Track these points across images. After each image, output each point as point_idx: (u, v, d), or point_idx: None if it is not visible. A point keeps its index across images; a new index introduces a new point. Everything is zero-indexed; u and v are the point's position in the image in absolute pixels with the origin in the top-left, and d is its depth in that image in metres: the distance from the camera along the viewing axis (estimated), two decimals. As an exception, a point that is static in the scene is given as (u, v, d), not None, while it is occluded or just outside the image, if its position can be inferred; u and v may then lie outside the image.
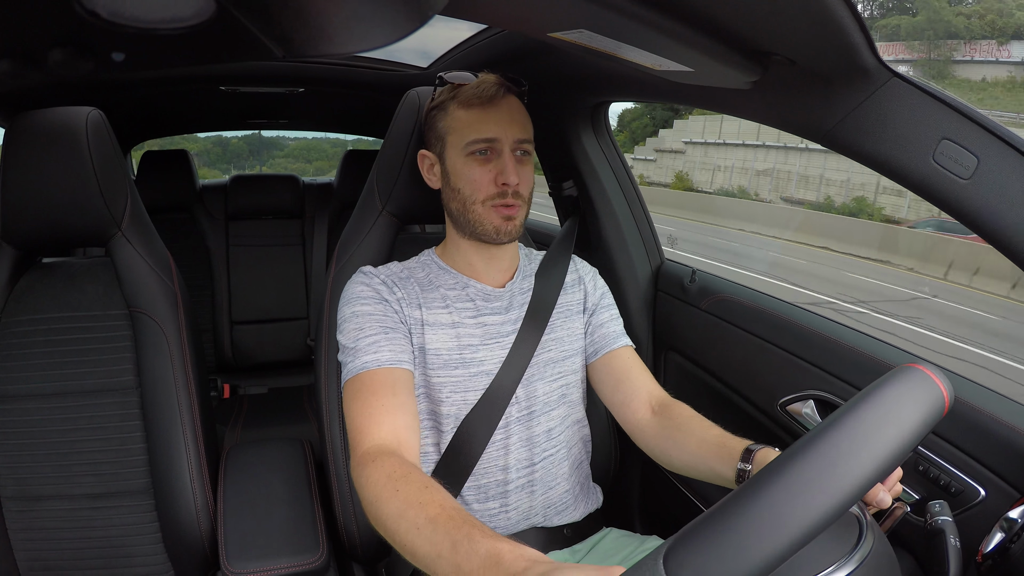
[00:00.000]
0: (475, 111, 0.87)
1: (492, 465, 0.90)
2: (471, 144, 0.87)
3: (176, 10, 0.31)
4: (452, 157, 0.89)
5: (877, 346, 0.94)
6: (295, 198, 2.35)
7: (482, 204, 0.88)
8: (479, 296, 0.94)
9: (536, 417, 0.93)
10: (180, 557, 1.05)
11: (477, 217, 0.89)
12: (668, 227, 12.14)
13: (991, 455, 0.75)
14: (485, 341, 0.92)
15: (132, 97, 1.71)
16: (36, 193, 0.98)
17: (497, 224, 0.89)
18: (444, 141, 0.90)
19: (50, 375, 1.02)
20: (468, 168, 0.88)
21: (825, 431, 0.42)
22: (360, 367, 0.82)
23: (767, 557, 0.38)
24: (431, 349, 0.89)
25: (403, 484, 0.67)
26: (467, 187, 0.88)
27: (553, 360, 0.96)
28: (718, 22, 0.59)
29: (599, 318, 1.02)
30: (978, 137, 0.65)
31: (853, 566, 0.47)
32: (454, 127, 0.89)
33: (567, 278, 1.02)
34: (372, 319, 0.86)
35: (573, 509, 0.97)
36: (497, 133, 0.87)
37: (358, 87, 1.75)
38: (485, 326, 0.93)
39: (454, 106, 0.89)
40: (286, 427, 1.86)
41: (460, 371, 0.90)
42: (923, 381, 0.45)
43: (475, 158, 0.88)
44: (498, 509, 0.91)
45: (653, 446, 0.91)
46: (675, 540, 0.40)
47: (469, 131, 0.87)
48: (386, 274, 0.91)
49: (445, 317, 0.91)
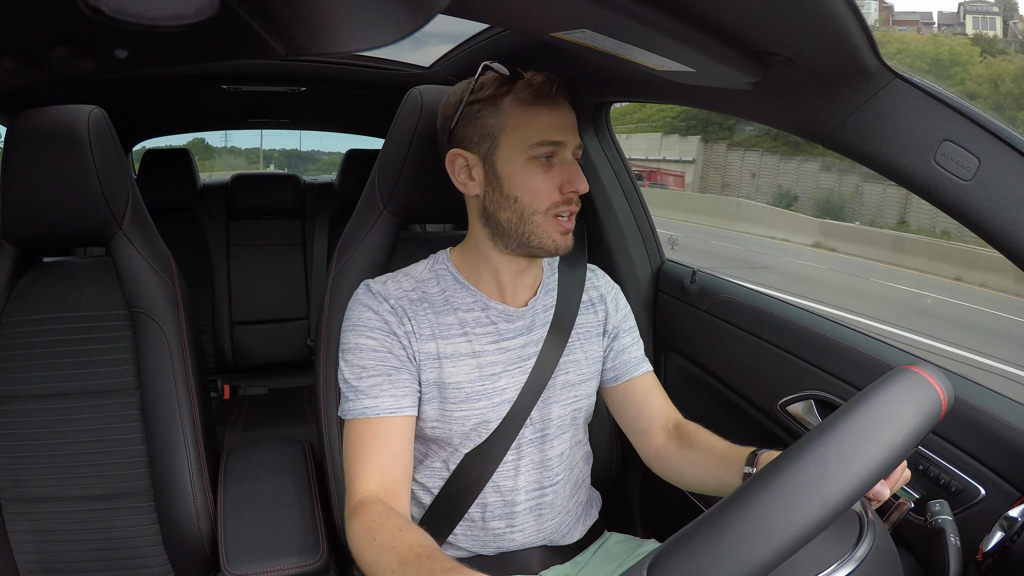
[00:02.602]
0: (540, 109, 0.79)
1: (501, 485, 0.87)
2: (536, 146, 0.79)
3: (179, 8, 0.31)
4: (507, 159, 0.80)
5: (877, 346, 0.94)
6: (296, 198, 2.35)
7: (544, 214, 0.80)
8: (501, 318, 0.87)
9: (549, 440, 0.89)
10: (180, 558, 1.05)
11: (536, 228, 0.81)
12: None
13: (991, 454, 0.75)
14: (507, 368, 0.86)
15: (134, 96, 1.71)
16: (37, 192, 0.98)
17: (556, 238, 0.81)
18: (495, 140, 0.80)
19: (50, 375, 1.02)
20: (529, 174, 0.79)
21: (815, 439, 0.42)
22: (359, 411, 0.80)
23: (757, 564, 0.37)
24: (451, 383, 0.83)
25: (380, 532, 0.70)
26: (528, 195, 0.80)
27: (570, 383, 0.91)
28: (720, 22, 0.59)
29: (621, 342, 0.96)
30: (979, 138, 0.65)
31: (856, 563, 0.46)
32: (512, 125, 0.79)
33: (589, 295, 0.96)
34: (376, 356, 0.81)
35: (575, 528, 0.96)
36: (563, 136, 0.80)
37: (360, 86, 1.75)
38: (507, 351, 0.87)
39: (510, 101, 0.80)
40: (286, 428, 1.86)
41: (483, 403, 0.84)
42: (919, 384, 0.45)
43: (538, 163, 0.80)
44: (503, 528, 0.88)
45: (669, 470, 0.91)
46: (663, 548, 0.40)
47: (533, 131, 0.79)
48: (396, 297, 0.84)
49: (464, 346, 0.84)
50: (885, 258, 9.52)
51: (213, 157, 16.59)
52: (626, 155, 1.38)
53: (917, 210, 13.29)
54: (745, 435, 1.12)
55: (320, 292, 1.23)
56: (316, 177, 2.57)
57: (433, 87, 0.97)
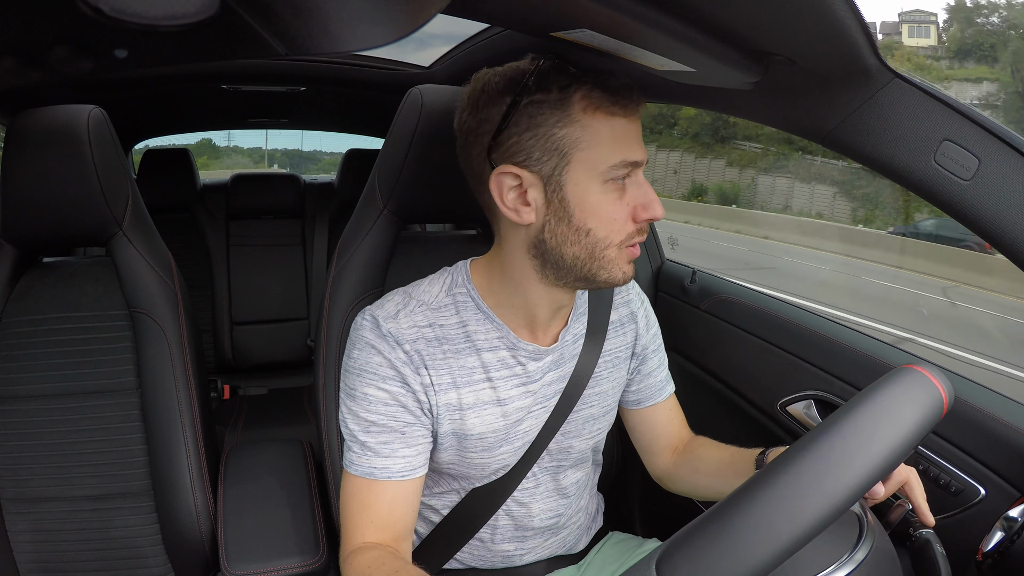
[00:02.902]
0: (619, 122, 0.65)
1: (514, 511, 0.84)
2: (617, 168, 0.65)
3: (178, 7, 0.31)
4: (580, 183, 0.65)
5: (877, 346, 0.94)
6: (296, 198, 2.35)
7: (618, 248, 0.67)
8: (529, 359, 0.76)
9: (565, 471, 0.85)
10: (180, 559, 1.05)
11: (607, 263, 0.68)
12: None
13: (991, 454, 0.75)
14: (532, 410, 0.78)
15: (133, 95, 1.71)
16: (37, 192, 0.98)
17: (626, 270, 0.69)
18: (567, 158, 0.64)
19: (50, 375, 1.02)
20: (607, 200, 0.65)
21: (821, 434, 0.42)
22: (367, 471, 0.71)
23: (761, 561, 0.37)
24: (473, 435, 0.75)
25: (376, 574, 0.66)
26: (603, 227, 0.66)
27: (594, 416, 0.83)
28: (720, 22, 0.59)
29: (649, 365, 0.89)
30: (979, 138, 0.65)
31: (854, 564, 0.46)
32: (588, 140, 0.64)
33: (619, 312, 0.86)
34: (388, 411, 0.71)
35: (583, 538, 0.95)
36: (644, 155, 0.67)
37: (360, 86, 1.75)
38: (533, 394, 0.77)
39: (582, 107, 0.64)
40: (286, 428, 1.86)
41: (505, 448, 0.78)
42: (921, 383, 0.45)
43: (614, 186, 0.66)
44: (513, 550, 0.86)
45: (681, 485, 0.91)
46: (668, 545, 0.40)
47: (615, 148, 0.64)
48: (411, 340, 0.72)
49: (487, 393, 0.75)
50: (760, 233, 12.84)
51: (221, 157, 16.79)
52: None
53: (798, 197, 16.96)
54: (745, 435, 1.12)
55: (320, 292, 1.23)
56: (316, 177, 2.57)
57: (433, 87, 0.97)
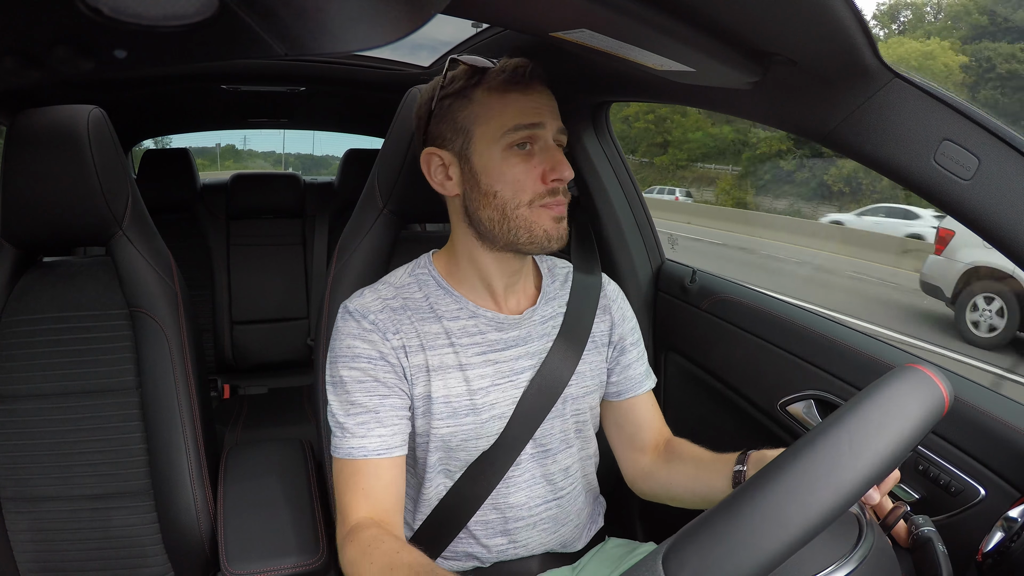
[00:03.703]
0: (513, 94, 0.74)
1: (502, 502, 0.84)
2: (512, 132, 0.73)
3: (178, 7, 0.31)
4: (483, 152, 0.75)
5: (877, 346, 0.94)
6: (296, 197, 2.35)
7: (528, 206, 0.75)
8: (491, 327, 0.81)
9: (552, 455, 0.86)
10: (180, 558, 1.05)
11: (523, 222, 0.75)
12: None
13: (991, 455, 0.75)
14: (496, 381, 0.81)
15: (133, 96, 1.71)
16: (37, 192, 0.98)
17: (548, 228, 0.75)
18: (469, 134, 0.75)
19: (50, 375, 1.02)
20: (508, 165, 0.74)
21: (825, 431, 0.42)
22: (347, 452, 0.76)
23: (767, 557, 0.37)
24: (438, 397, 0.79)
25: (375, 554, 0.68)
26: (508, 188, 0.74)
27: (573, 396, 0.86)
28: (719, 22, 0.59)
29: (627, 357, 0.91)
30: (979, 138, 0.65)
31: (854, 565, 0.47)
32: (484, 115, 0.74)
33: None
34: (362, 388, 0.76)
35: (580, 539, 0.94)
36: (540, 118, 0.74)
37: (359, 86, 1.75)
38: (496, 364, 0.81)
39: (481, 92, 0.74)
40: (286, 427, 1.86)
41: (470, 419, 0.80)
42: (923, 381, 0.45)
43: (515, 152, 0.74)
44: (506, 544, 0.86)
45: (656, 487, 0.90)
46: (675, 540, 0.40)
47: (507, 116, 0.73)
48: (377, 311, 0.79)
49: (451, 358, 0.79)
50: (673, 217, 14.87)
51: (244, 160, 17.15)
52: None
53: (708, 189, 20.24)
54: (745, 435, 1.12)
55: (320, 292, 1.23)
56: (316, 177, 2.57)
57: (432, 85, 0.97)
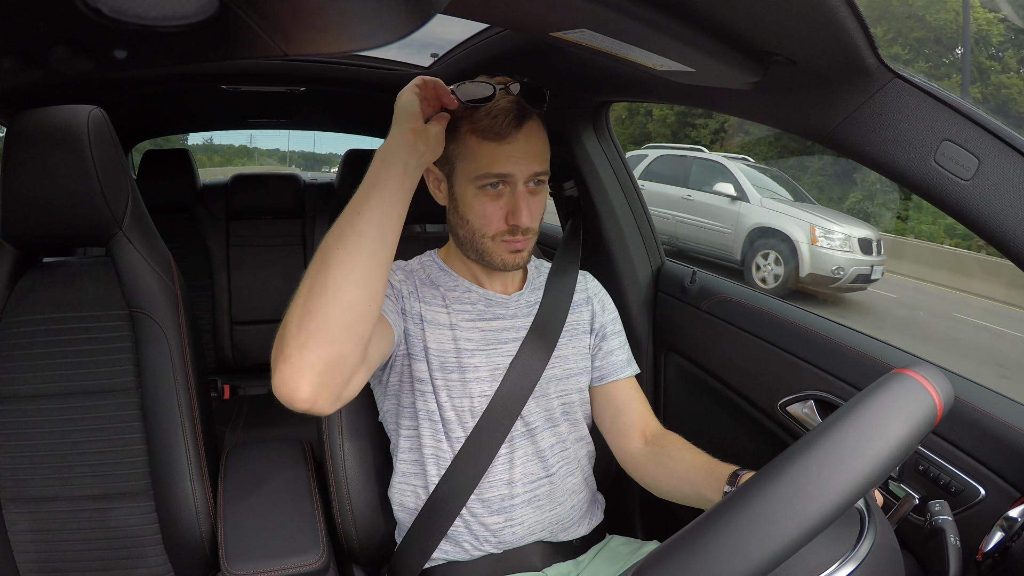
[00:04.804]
0: (489, 145, 0.82)
1: (497, 479, 0.89)
2: (482, 178, 0.83)
3: (179, 8, 0.31)
4: (462, 185, 0.85)
5: (877, 346, 0.94)
6: (296, 198, 2.35)
7: (491, 239, 0.86)
8: (481, 300, 0.93)
9: (539, 432, 0.92)
10: (180, 558, 1.05)
11: (485, 249, 0.87)
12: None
13: (991, 455, 0.75)
14: (482, 346, 0.90)
15: (133, 96, 1.71)
16: (37, 192, 0.98)
17: (505, 258, 0.87)
18: (453, 165, 0.85)
19: (50, 375, 1.02)
20: (478, 201, 0.84)
21: (807, 446, 0.41)
22: None
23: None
24: (432, 348, 0.88)
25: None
26: (477, 219, 0.85)
27: (556, 377, 0.94)
28: (719, 22, 0.59)
29: (608, 344, 1.00)
30: (979, 138, 0.65)
31: (858, 560, 0.46)
32: (464, 155, 0.84)
33: (576, 296, 0.99)
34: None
35: (579, 525, 0.97)
36: (510, 169, 0.82)
37: (359, 86, 1.75)
38: (483, 331, 0.91)
39: (466, 130, 0.83)
40: (286, 428, 1.86)
41: (455, 375, 0.89)
42: (913, 390, 0.43)
43: (486, 192, 0.84)
44: (503, 523, 0.89)
45: (644, 474, 0.94)
46: (646, 561, 0.40)
47: (480, 164, 0.82)
48: (392, 267, 0.89)
49: (443, 317, 0.90)
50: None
51: (255, 159, 17.43)
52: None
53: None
54: (745, 435, 1.12)
55: (320, 292, 1.22)
56: (316, 177, 2.57)
57: None
